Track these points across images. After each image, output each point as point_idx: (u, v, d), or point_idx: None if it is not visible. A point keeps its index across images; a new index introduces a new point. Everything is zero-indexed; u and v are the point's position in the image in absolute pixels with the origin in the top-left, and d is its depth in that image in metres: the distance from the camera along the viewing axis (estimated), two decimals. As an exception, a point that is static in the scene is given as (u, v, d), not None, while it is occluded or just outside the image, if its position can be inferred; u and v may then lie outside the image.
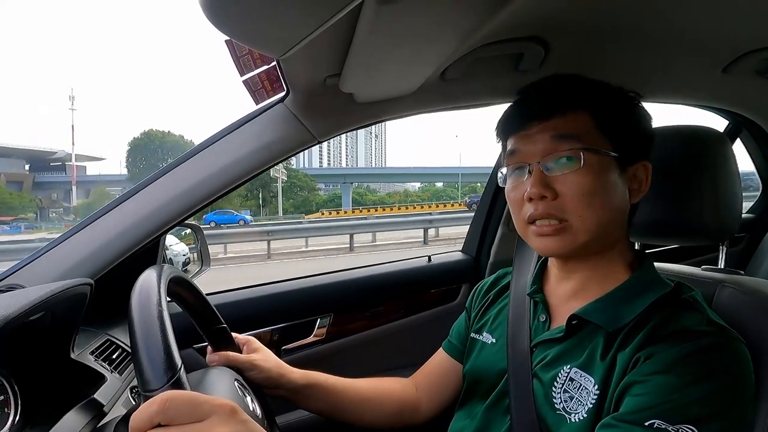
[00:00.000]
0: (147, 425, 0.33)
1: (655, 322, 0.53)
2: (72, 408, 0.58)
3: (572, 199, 0.56)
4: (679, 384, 0.47)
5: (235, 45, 0.69)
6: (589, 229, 0.57)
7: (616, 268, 0.61)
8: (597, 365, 0.54)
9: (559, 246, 0.58)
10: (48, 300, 0.51)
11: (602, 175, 0.56)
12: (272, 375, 0.69)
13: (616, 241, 0.61)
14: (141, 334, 0.40)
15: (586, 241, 0.57)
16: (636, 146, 0.60)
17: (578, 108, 0.58)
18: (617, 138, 0.58)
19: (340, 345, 1.12)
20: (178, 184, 0.79)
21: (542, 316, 0.65)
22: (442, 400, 0.78)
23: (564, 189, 0.57)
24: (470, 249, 1.35)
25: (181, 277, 0.58)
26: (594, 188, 0.56)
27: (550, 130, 0.58)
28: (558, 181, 0.57)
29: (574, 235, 0.57)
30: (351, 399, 0.75)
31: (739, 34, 0.77)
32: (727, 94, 1.09)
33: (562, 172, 0.57)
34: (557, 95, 0.60)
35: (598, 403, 0.52)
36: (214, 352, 0.67)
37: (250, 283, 1.11)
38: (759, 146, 1.49)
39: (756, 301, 0.59)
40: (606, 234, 0.59)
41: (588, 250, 0.59)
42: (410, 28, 0.54)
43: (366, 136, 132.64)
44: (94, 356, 0.71)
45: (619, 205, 0.59)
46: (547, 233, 0.58)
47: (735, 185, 0.68)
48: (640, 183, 0.60)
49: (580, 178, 0.56)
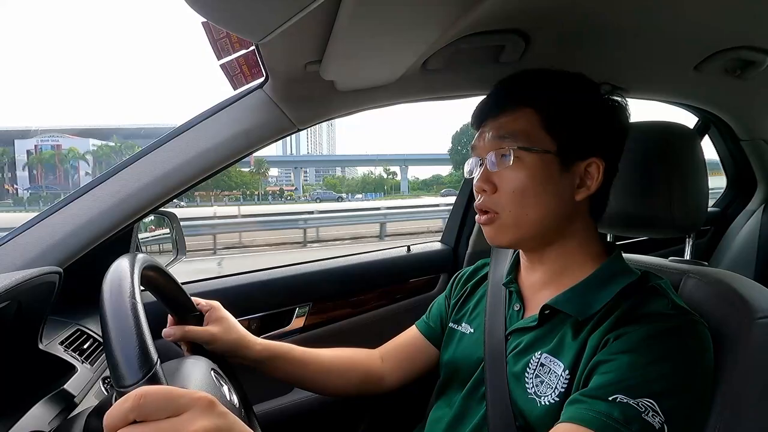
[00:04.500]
0: (121, 422, 0.32)
1: (624, 308, 0.56)
2: (41, 399, 0.57)
3: (505, 195, 0.60)
4: (642, 362, 0.50)
5: (212, 27, 0.67)
6: (519, 223, 0.60)
7: (582, 258, 0.63)
8: (566, 350, 0.57)
9: (493, 236, 0.63)
10: (13, 289, 0.49)
11: (536, 172, 0.59)
12: (233, 347, 0.70)
13: (569, 234, 0.63)
14: (114, 328, 0.38)
15: (518, 233, 0.61)
16: (590, 142, 0.60)
17: (526, 106, 0.60)
18: (564, 135, 0.59)
19: (319, 334, 1.12)
20: (152, 170, 0.77)
21: (516, 305, 0.67)
22: (406, 374, 0.82)
23: (501, 184, 0.60)
24: (449, 239, 1.37)
25: (155, 265, 0.56)
26: (525, 185, 0.59)
27: (496, 128, 0.61)
28: (497, 176, 0.61)
29: (505, 228, 0.61)
30: (314, 369, 0.77)
31: (710, 34, 0.80)
32: (698, 92, 1.13)
33: (501, 168, 0.60)
34: (508, 93, 0.63)
35: (567, 385, 0.54)
36: (172, 326, 0.67)
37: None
38: (725, 143, 1.55)
39: (718, 291, 0.62)
40: (544, 228, 0.61)
41: (530, 243, 0.63)
42: (392, 15, 0.53)
43: (328, 126, 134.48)
44: (64, 346, 0.69)
45: (556, 201, 0.60)
46: (484, 222, 0.62)
47: (702, 180, 0.71)
48: (592, 178, 0.60)
49: (512, 174, 0.59)
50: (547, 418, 0.54)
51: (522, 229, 0.61)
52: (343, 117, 0.90)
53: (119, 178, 0.76)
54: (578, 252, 0.63)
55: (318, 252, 8.55)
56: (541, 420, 0.55)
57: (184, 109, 69.44)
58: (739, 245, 1.53)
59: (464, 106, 0.82)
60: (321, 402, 1.08)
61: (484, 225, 0.63)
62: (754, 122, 1.38)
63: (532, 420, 0.56)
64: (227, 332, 0.70)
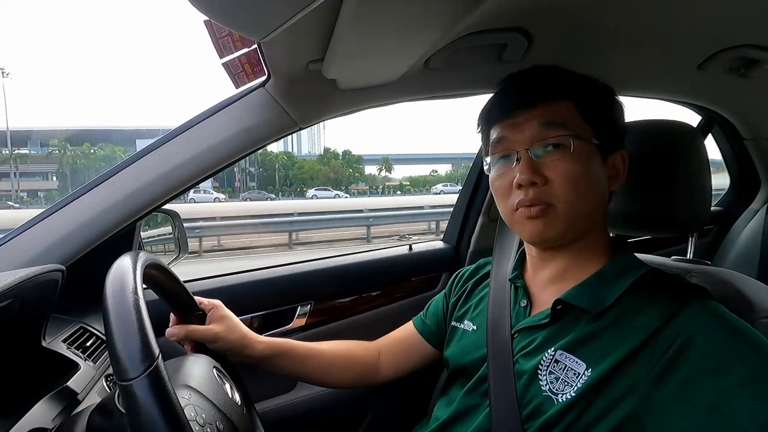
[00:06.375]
0: None
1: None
2: (44, 397, 0.57)
3: (560, 185, 0.57)
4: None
5: (215, 26, 0.67)
6: (574, 213, 0.59)
7: (594, 254, 0.63)
8: (586, 348, 0.55)
9: (545, 229, 0.59)
10: (17, 287, 0.49)
11: (588, 162, 0.58)
12: (236, 345, 0.71)
13: (594, 227, 0.62)
14: (116, 322, 0.39)
15: (569, 224, 0.59)
16: (614, 136, 0.62)
17: (563, 96, 0.59)
18: (598, 127, 0.60)
19: (321, 333, 1.12)
20: (154, 169, 0.77)
21: (523, 301, 0.66)
22: (401, 368, 0.83)
23: (553, 175, 0.58)
24: (450, 238, 1.36)
25: (158, 263, 0.56)
26: (581, 174, 0.58)
27: (537, 117, 0.59)
28: (547, 167, 0.58)
29: (560, 219, 0.59)
30: (315, 365, 0.79)
31: (713, 32, 0.79)
32: (701, 91, 1.13)
33: (552, 158, 0.58)
34: (542, 84, 0.61)
35: (589, 383, 0.53)
36: (175, 326, 0.68)
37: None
38: (729, 142, 1.54)
39: (721, 290, 0.62)
40: (588, 219, 0.60)
41: (571, 235, 0.61)
42: (394, 14, 0.53)
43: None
44: (67, 344, 0.70)
45: (601, 191, 0.61)
46: (534, 215, 0.59)
47: (706, 179, 0.71)
48: (618, 171, 0.63)
49: (568, 164, 0.57)
50: (565, 415, 0.53)
51: (574, 218, 0.59)
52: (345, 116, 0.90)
53: (121, 176, 0.76)
54: (592, 247, 0.63)
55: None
56: (558, 417, 0.54)
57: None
58: (742, 245, 1.53)
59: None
60: (323, 400, 1.08)
61: (532, 219, 0.59)
62: (757, 121, 1.38)
63: (547, 418, 0.55)
64: (230, 331, 0.70)
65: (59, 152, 44.46)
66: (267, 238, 9.32)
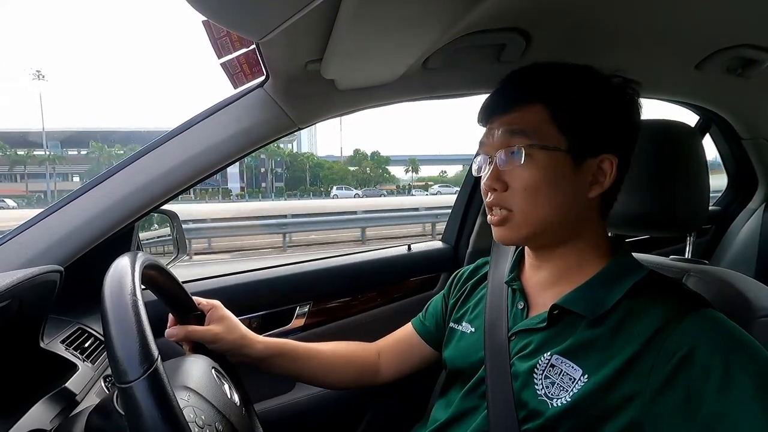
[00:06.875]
0: None
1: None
2: (42, 398, 0.57)
3: (516, 193, 0.59)
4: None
5: (213, 26, 0.67)
6: (531, 222, 0.59)
7: (590, 257, 0.62)
8: (584, 355, 0.55)
9: (505, 235, 0.61)
10: (15, 288, 0.49)
11: (548, 170, 0.57)
12: (235, 346, 0.71)
13: (581, 232, 0.61)
14: (115, 324, 0.39)
15: (530, 232, 0.60)
16: (602, 138, 0.59)
17: (535, 102, 0.59)
18: (575, 132, 0.58)
19: (320, 333, 1.12)
20: (152, 169, 0.77)
21: (520, 303, 0.66)
22: (401, 369, 0.83)
23: (511, 182, 0.59)
24: (449, 238, 1.36)
25: (156, 263, 0.56)
26: (536, 183, 0.57)
27: (506, 124, 0.60)
28: (507, 174, 0.59)
29: (518, 226, 0.60)
30: (315, 365, 0.79)
31: (711, 32, 0.80)
32: (699, 91, 1.13)
33: (512, 166, 0.59)
34: (516, 89, 0.62)
35: (586, 390, 0.52)
36: (174, 326, 0.68)
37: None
38: (726, 141, 1.55)
39: (720, 289, 0.62)
40: (557, 227, 0.60)
41: (546, 240, 0.61)
42: (392, 14, 0.53)
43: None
44: (65, 345, 0.69)
45: (569, 199, 0.59)
46: (494, 222, 0.61)
47: (704, 178, 0.71)
48: (605, 175, 0.59)
49: (524, 172, 0.58)
50: (560, 419, 0.53)
51: (534, 227, 0.59)
52: (344, 116, 0.90)
53: (120, 176, 0.76)
54: (587, 250, 0.62)
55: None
56: (553, 422, 0.54)
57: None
58: (740, 244, 1.53)
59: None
60: (321, 401, 1.08)
61: (495, 226, 0.62)
62: (755, 121, 1.38)
63: (543, 421, 0.55)
64: (229, 331, 0.70)
65: (96, 153, 45.99)
66: (260, 240, 9.19)
